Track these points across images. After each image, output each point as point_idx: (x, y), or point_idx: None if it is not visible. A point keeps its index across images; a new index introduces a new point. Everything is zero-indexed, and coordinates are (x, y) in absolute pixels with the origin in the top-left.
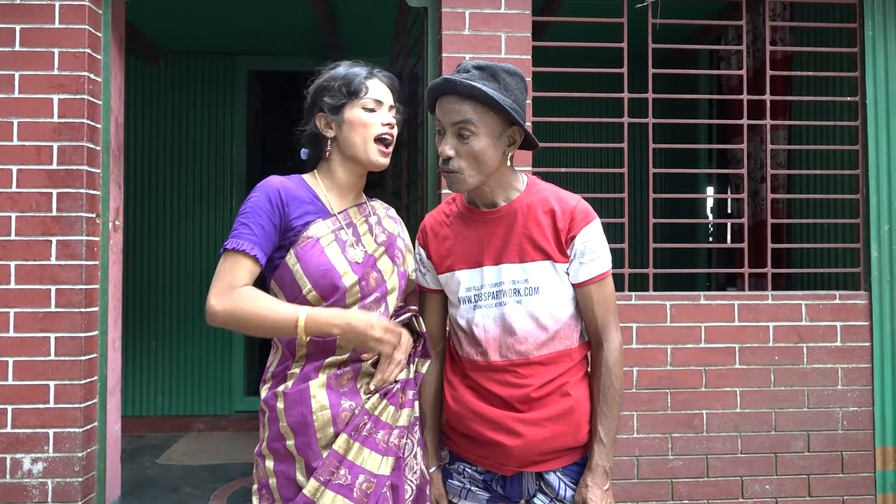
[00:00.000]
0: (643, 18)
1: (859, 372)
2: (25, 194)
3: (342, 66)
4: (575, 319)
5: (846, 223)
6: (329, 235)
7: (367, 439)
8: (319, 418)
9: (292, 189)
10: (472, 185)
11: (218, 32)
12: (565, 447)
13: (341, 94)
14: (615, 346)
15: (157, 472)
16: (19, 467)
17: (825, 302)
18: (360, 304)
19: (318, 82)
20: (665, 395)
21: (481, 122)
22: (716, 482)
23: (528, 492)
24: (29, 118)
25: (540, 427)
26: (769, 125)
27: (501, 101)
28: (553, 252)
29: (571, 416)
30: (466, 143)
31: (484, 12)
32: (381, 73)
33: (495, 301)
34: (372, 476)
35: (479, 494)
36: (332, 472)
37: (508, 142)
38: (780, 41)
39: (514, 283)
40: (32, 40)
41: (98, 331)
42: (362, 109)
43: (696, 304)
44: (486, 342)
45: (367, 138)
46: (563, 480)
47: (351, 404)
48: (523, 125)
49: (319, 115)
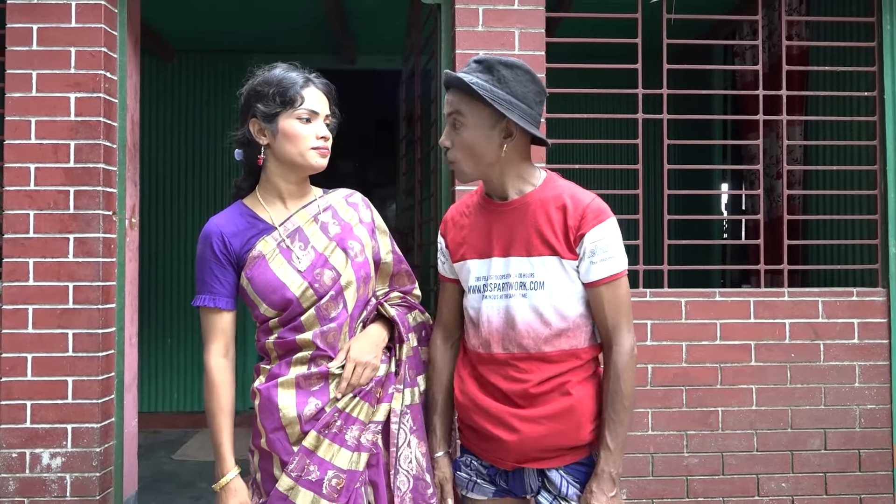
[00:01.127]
0: (658, 14)
1: (877, 369)
2: (43, 192)
3: (278, 69)
4: (585, 319)
5: (863, 219)
6: (273, 250)
7: (337, 436)
8: (285, 416)
9: (230, 226)
10: (470, 176)
11: (230, 31)
12: (565, 446)
13: (275, 103)
14: (625, 349)
15: (173, 467)
16: (38, 462)
17: (842, 299)
18: (317, 306)
19: (251, 85)
20: (680, 392)
21: (470, 113)
22: (731, 480)
23: (531, 488)
24: (46, 117)
25: (537, 424)
26: (785, 121)
27: (482, 91)
28: (560, 248)
29: (571, 415)
30: (458, 134)
31: (497, 8)
32: (317, 80)
33: (501, 293)
34: (341, 472)
35: (485, 487)
36: (304, 468)
37: (504, 134)
38: (797, 36)
39: (521, 276)
40: (49, 39)
41: (115, 327)
42: (297, 120)
43: (712, 300)
44: (489, 333)
45: (302, 151)
46: (566, 479)
47: (318, 403)
48: (514, 118)
49: (252, 120)
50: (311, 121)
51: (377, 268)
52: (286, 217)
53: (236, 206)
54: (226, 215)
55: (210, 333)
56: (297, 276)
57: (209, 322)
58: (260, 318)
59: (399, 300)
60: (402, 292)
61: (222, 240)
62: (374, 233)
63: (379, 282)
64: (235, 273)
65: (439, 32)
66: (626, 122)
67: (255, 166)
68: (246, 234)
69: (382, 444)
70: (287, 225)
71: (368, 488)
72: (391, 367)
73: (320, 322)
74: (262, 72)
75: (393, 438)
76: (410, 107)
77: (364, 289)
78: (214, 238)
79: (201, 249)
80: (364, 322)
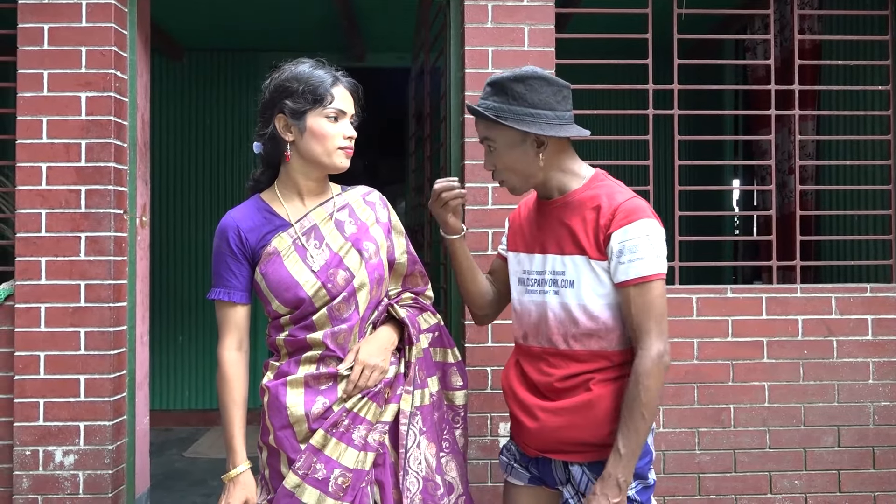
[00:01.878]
0: (668, 9)
1: (891, 366)
2: (55, 191)
3: (305, 65)
4: (617, 322)
5: (877, 215)
6: (289, 247)
7: (344, 435)
8: (293, 414)
9: (247, 220)
10: (522, 190)
11: (240, 29)
12: (585, 441)
13: (305, 101)
14: (651, 354)
15: (185, 465)
16: (51, 459)
17: (856, 295)
18: (329, 306)
19: (278, 80)
20: (692, 390)
21: (497, 137)
22: (744, 477)
23: (559, 480)
24: (57, 116)
25: (555, 415)
26: (798, 115)
27: (496, 116)
28: (589, 248)
29: (590, 409)
30: (494, 156)
31: (506, 5)
32: (345, 79)
33: (539, 288)
34: (347, 471)
35: (521, 473)
36: (310, 466)
37: (535, 145)
38: (809, 30)
39: (554, 273)
40: (60, 39)
41: (126, 325)
42: (325, 119)
43: (724, 297)
44: (527, 326)
45: (329, 150)
46: (587, 475)
47: (325, 402)
48: (536, 130)
49: (279, 116)
50: (338, 120)
51: (391, 268)
52: (303, 214)
53: (253, 201)
54: (243, 209)
55: (224, 327)
56: (310, 275)
57: (224, 315)
58: (272, 314)
59: (411, 301)
60: (414, 293)
61: (238, 234)
62: (389, 233)
63: (392, 282)
64: (251, 267)
65: (448, 29)
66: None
67: (272, 160)
68: (262, 229)
69: (390, 444)
70: (303, 222)
71: (374, 487)
72: (400, 368)
73: (332, 322)
74: (289, 67)
75: (402, 440)
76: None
77: (377, 290)
78: (231, 232)
79: (217, 243)
80: (374, 323)
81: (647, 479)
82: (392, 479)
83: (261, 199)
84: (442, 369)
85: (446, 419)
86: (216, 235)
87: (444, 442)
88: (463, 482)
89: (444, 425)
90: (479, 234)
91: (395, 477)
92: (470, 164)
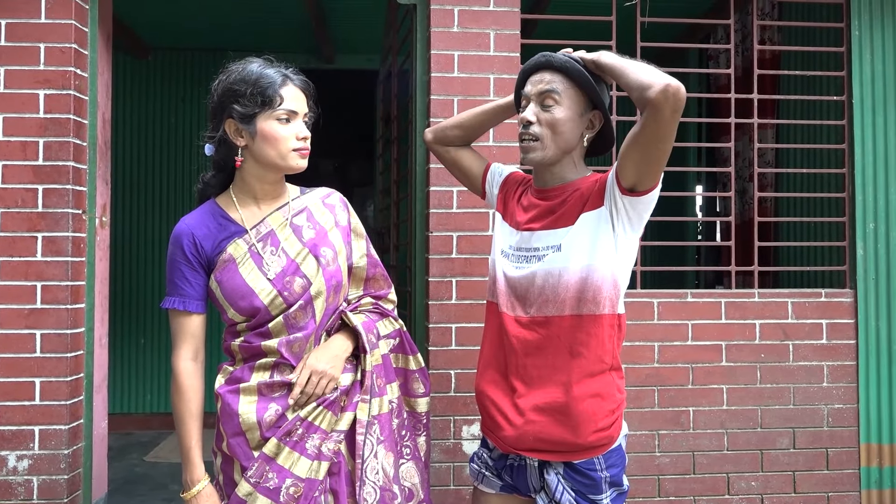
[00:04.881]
0: (632, 17)
1: (844, 369)
2: (11, 190)
3: (253, 65)
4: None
5: (832, 222)
6: (244, 254)
7: (298, 444)
8: (245, 421)
9: (202, 227)
10: (545, 157)
11: (207, 29)
12: (565, 440)
13: (253, 104)
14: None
15: (145, 469)
16: (4, 464)
17: (811, 300)
18: (286, 314)
19: (226, 83)
20: (652, 393)
21: (566, 95)
22: (702, 479)
23: (532, 487)
24: (14, 114)
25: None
26: (757, 124)
27: (591, 78)
28: (591, 204)
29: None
30: (548, 111)
31: (472, 9)
32: (295, 77)
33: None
34: (300, 480)
35: (493, 481)
36: (262, 475)
37: (587, 125)
38: (769, 40)
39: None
40: (18, 35)
41: (84, 328)
42: (276, 121)
43: (683, 301)
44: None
45: (282, 153)
46: (562, 483)
47: (278, 408)
48: (605, 112)
49: (229, 121)
50: (290, 120)
51: (350, 273)
52: (259, 219)
53: (208, 206)
54: (197, 216)
55: (179, 336)
56: (266, 283)
57: (179, 325)
58: (228, 321)
59: (371, 307)
60: (375, 297)
61: (193, 241)
62: (349, 236)
63: (352, 286)
64: (206, 275)
65: (415, 33)
66: None
67: (224, 164)
68: (217, 235)
69: (347, 452)
70: (259, 228)
71: (329, 497)
72: (357, 376)
73: (288, 330)
74: (237, 67)
75: (359, 450)
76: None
77: (334, 297)
78: (185, 239)
79: (172, 251)
80: (328, 331)
81: (621, 486)
82: (347, 489)
83: (216, 203)
84: (403, 375)
85: (407, 426)
86: (170, 242)
87: (404, 449)
88: (424, 488)
89: (405, 432)
90: (444, 237)
91: (350, 486)
92: (435, 168)
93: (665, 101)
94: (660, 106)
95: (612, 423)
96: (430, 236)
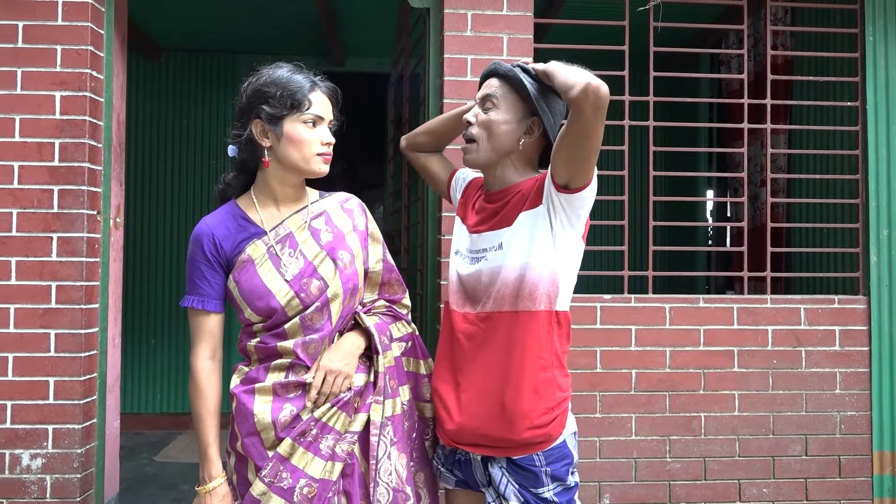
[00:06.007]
0: (644, 21)
1: (857, 376)
2: (27, 191)
3: (283, 69)
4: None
5: (845, 228)
6: (263, 255)
7: (312, 444)
8: (260, 421)
9: (222, 227)
10: (479, 158)
11: (219, 31)
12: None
13: (282, 106)
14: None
15: (156, 469)
16: (18, 463)
17: (824, 306)
18: (302, 315)
19: (256, 85)
20: (663, 398)
21: (504, 100)
22: (713, 485)
23: (480, 482)
24: (31, 115)
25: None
26: (770, 129)
27: (529, 85)
28: (530, 203)
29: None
30: (486, 113)
31: (486, 14)
32: (323, 84)
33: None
34: (314, 481)
35: (448, 476)
36: (276, 475)
37: (526, 129)
38: (782, 45)
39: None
40: (35, 37)
41: (98, 328)
42: (303, 125)
43: (696, 307)
44: None
45: (306, 156)
46: (507, 476)
47: (293, 409)
48: (544, 120)
49: (256, 121)
50: (316, 125)
51: (365, 276)
52: (278, 221)
53: (228, 207)
54: (217, 216)
55: (197, 335)
56: (283, 284)
57: (197, 324)
58: (244, 321)
59: (384, 309)
60: (390, 301)
61: (213, 241)
62: (366, 240)
63: (367, 290)
64: (225, 275)
65: (428, 37)
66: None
67: (247, 165)
68: (237, 236)
69: (360, 454)
70: (278, 230)
71: (342, 498)
72: (370, 377)
73: (304, 332)
74: (267, 71)
75: (373, 451)
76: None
77: (350, 300)
78: (205, 239)
79: (192, 250)
80: (341, 331)
81: (566, 481)
82: (360, 490)
83: (236, 205)
84: (414, 379)
85: (417, 429)
86: (191, 242)
87: (414, 451)
88: (431, 493)
89: (415, 435)
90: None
91: (363, 488)
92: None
93: (585, 98)
94: (581, 104)
95: (551, 420)
96: (442, 239)
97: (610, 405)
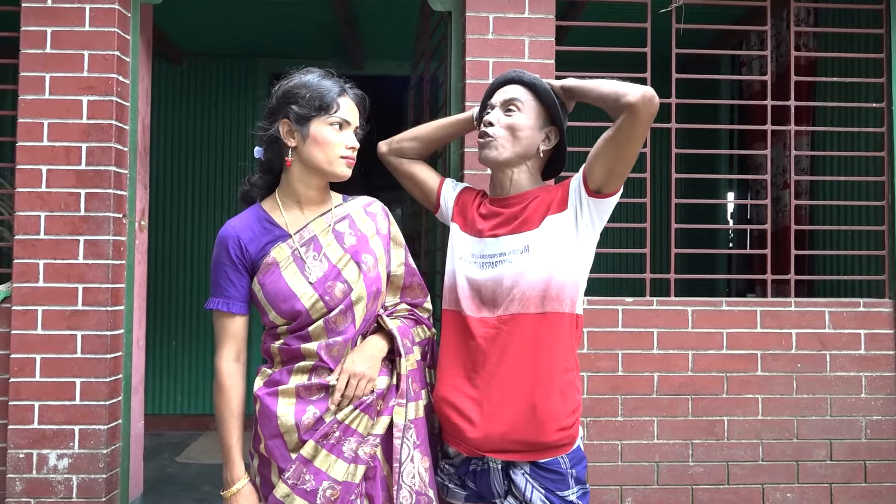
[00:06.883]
0: (667, 23)
1: (883, 381)
2: (54, 194)
3: (314, 74)
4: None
5: (871, 230)
6: (288, 258)
7: (335, 447)
8: (283, 423)
9: (247, 231)
10: (503, 156)
11: (239, 35)
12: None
13: (311, 107)
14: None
15: (177, 469)
16: (45, 463)
17: (849, 309)
18: (326, 318)
19: (286, 86)
20: (686, 402)
21: (528, 106)
22: (737, 489)
23: (497, 492)
24: (59, 119)
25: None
26: (793, 131)
27: (551, 90)
28: (553, 209)
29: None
30: (510, 116)
31: (508, 17)
32: (352, 91)
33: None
34: (336, 483)
35: (457, 492)
36: (300, 477)
37: (545, 138)
38: (805, 46)
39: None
40: (63, 43)
41: (123, 329)
42: (329, 127)
43: (719, 310)
44: None
45: (330, 158)
46: (531, 482)
47: (316, 412)
48: (562, 129)
49: (283, 121)
50: (342, 129)
51: (388, 280)
52: (303, 224)
53: (254, 210)
54: (242, 219)
55: (222, 337)
56: (308, 287)
57: (222, 326)
58: (268, 323)
59: (406, 313)
60: (411, 305)
61: (239, 244)
62: (389, 244)
63: (389, 294)
64: (250, 278)
65: (449, 40)
66: None
67: (272, 166)
68: (261, 239)
69: (383, 457)
70: (303, 233)
71: (364, 501)
72: (392, 380)
73: (327, 334)
74: (298, 75)
75: (396, 454)
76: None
77: (374, 304)
78: (231, 242)
79: (217, 253)
80: (364, 334)
81: (585, 484)
82: (383, 494)
83: (261, 207)
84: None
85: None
86: (216, 245)
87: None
88: None
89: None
90: None
91: (386, 491)
92: (469, 174)
93: (643, 104)
94: (639, 110)
95: (574, 422)
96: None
97: (632, 409)
